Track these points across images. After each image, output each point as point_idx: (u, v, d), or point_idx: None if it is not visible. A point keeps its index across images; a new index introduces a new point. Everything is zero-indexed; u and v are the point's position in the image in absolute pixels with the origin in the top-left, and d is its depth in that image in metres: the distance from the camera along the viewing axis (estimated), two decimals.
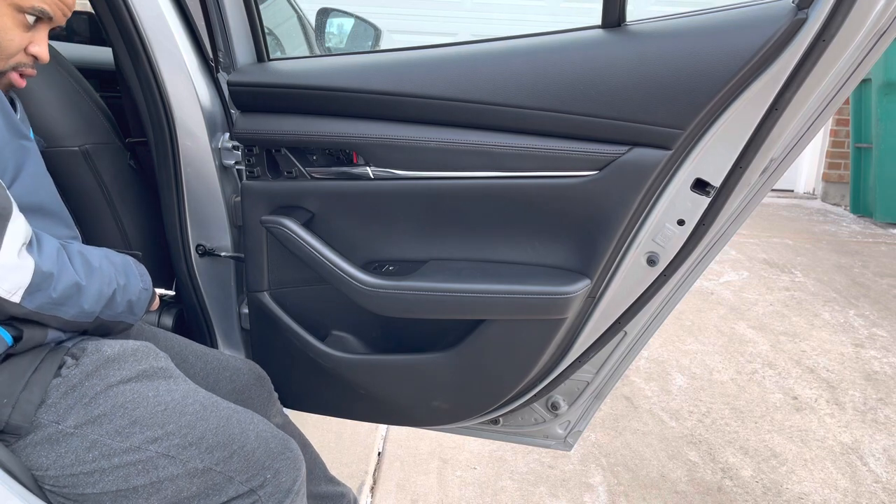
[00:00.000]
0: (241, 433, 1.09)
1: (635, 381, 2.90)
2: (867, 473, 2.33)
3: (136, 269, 1.18)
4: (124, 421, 1.03)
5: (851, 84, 1.18)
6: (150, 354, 1.13)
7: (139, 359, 1.11)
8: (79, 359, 1.06)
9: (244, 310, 1.61)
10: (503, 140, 1.27)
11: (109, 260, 1.11)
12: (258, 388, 1.39)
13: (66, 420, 1.01)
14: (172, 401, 1.08)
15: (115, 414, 1.03)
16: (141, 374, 1.09)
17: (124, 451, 1.01)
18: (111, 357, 1.08)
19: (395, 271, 1.39)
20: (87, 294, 1.03)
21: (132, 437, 1.02)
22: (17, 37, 1.04)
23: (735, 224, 1.31)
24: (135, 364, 1.09)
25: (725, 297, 3.86)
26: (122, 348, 1.10)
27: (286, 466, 1.11)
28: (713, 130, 1.18)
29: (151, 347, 1.15)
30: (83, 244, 1.11)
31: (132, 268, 1.16)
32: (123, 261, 1.16)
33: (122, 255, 1.17)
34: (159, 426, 1.04)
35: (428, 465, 2.28)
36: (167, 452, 1.03)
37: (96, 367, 1.06)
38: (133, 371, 1.08)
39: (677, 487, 2.22)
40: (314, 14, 2.62)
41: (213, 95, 1.48)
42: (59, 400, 1.01)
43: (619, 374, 1.48)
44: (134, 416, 1.03)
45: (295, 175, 1.41)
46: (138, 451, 1.02)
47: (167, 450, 1.03)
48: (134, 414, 1.04)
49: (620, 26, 1.23)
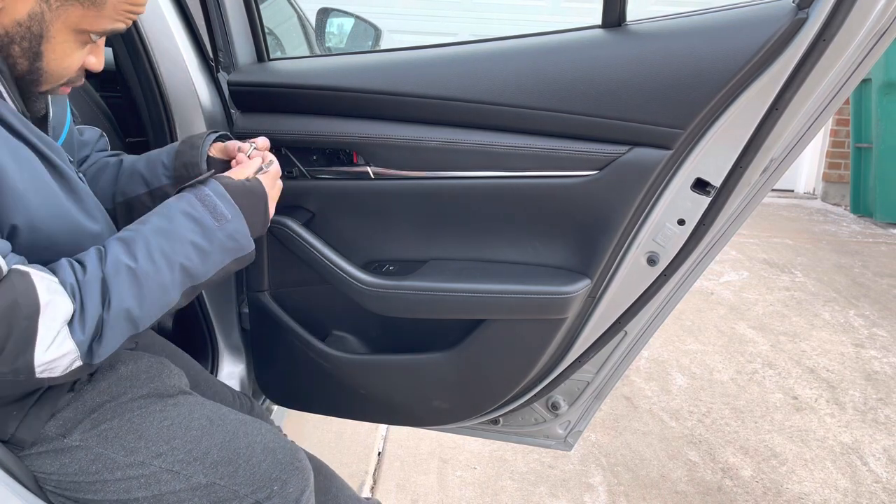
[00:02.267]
0: (248, 446, 1.08)
1: (635, 381, 2.90)
2: (867, 473, 2.33)
3: (205, 208, 0.96)
4: (130, 436, 1.02)
5: (851, 84, 1.18)
6: (163, 371, 1.13)
7: (152, 376, 1.11)
8: (93, 375, 1.06)
9: (244, 310, 1.61)
10: (503, 140, 1.26)
11: (164, 234, 0.93)
12: None
13: (72, 434, 1.01)
14: (179, 415, 1.07)
15: (121, 429, 1.03)
16: (152, 392, 1.09)
17: (128, 465, 1.01)
18: (125, 375, 1.08)
19: (395, 271, 1.39)
20: (143, 308, 0.91)
21: (137, 452, 1.02)
22: (78, 59, 0.95)
23: (735, 224, 1.30)
24: (147, 382, 1.09)
25: (725, 297, 3.86)
26: (136, 366, 1.10)
27: (294, 477, 1.09)
28: (713, 130, 1.18)
29: (165, 363, 1.15)
30: (135, 232, 0.93)
31: (201, 219, 0.96)
32: (186, 220, 0.95)
33: (184, 204, 0.96)
34: (164, 441, 1.03)
35: (428, 465, 2.28)
36: (171, 468, 1.02)
37: (109, 384, 1.06)
38: (145, 389, 1.08)
39: (677, 487, 2.22)
40: (314, 14, 2.62)
41: (213, 95, 1.48)
42: (69, 415, 1.02)
43: (619, 374, 1.48)
44: (140, 432, 1.03)
45: (295, 175, 1.41)
46: (142, 466, 1.01)
47: (171, 465, 1.02)
48: (140, 429, 1.03)
49: (620, 26, 1.23)
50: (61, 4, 0.89)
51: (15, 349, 0.82)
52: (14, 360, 0.83)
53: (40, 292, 0.82)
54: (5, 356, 0.82)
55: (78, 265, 0.89)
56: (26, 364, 0.83)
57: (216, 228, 0.96)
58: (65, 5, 0.89)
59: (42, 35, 0.90)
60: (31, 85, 0.94)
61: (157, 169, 1.17)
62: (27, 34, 0.89)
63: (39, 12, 0.88)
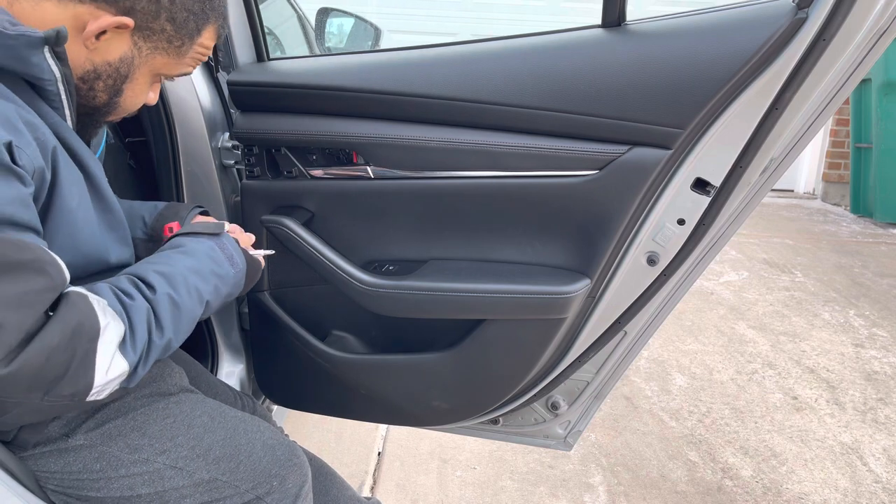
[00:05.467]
0: (248, 443, 1.10)
1: (635, 381, 2.90)
2: (867, 473, 2.33)
3: (224, 255, 1.06)
4: (134, 434, 1.03)
5: (851, 84, 1.18)
6: (164, 370, 1.15)
7: (154, 376, 1.12)
8: None
9: (244, 310, 1.61)
10: (503, 139, 1.26)
11: (197, 274, 1.00)
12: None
13: (76, 433, 1.01)
14: (181, 412, 1.08)
15: (125, 427, 1.03)
16: (154, 391, 1.10)
17: (132, 462, 1.02)
18: None
19: (395, 271, 1.39)
20: (178, 338, 0.96)
21: (141, 450, 1.03)
22: (147, 96, 1.05)
23: (735, 224, 1.31)
24: (150, 381, 1.11)
25: (725, 297, 3.86)
26: None
27: (293, 473, 1.12)
28: (713, 130, 1.18)
29: (167, 362, 1.17)
30: (171, 268, 0.98)
31: (222, 263, 1.05)
32: (211, 260, 1.04)
33: (207, 249, 1.04)
34: (168, 438, 1.05)
35: (428, 465, 2.28)
36: (174, 464, 1.04)
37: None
38: (147, 388, 1.10)
39: (677, 487, 2.22)
40: (314, 14, 2.62)
41: (213, 95, 1.48)
42: (72, 415, 1.02)
43: (619, 374, 1.48)
44: (143, 430, 1.04)
45: (295, 175, 1.41)
46: (146, 463, 1.02)
47: (174, 461, 1.04)
48: (143, 427, 1.04)
49: (620, 26, 1.23)
50: (150, 52, 0.99)
51: (77, 372, 0.82)
52: (76, 382, 0.82)
53: (99, 314, 0.84)
54: (68, 379, 0.82)
55: (120, 291, 0.91)
56: (86, 386, 0.83)
57: (232, 274, 1.07)
58: (153, 53, 0.99)
59: (128, 76, 0.99)
60: (102, 115, 1.02)
61: (136, 222, 1.22)
62: (115, 73, 0.98)
63: (130, 57, 0.98)
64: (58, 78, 0.90)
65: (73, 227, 0.92)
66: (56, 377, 0.80)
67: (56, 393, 0.81)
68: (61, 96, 0.92)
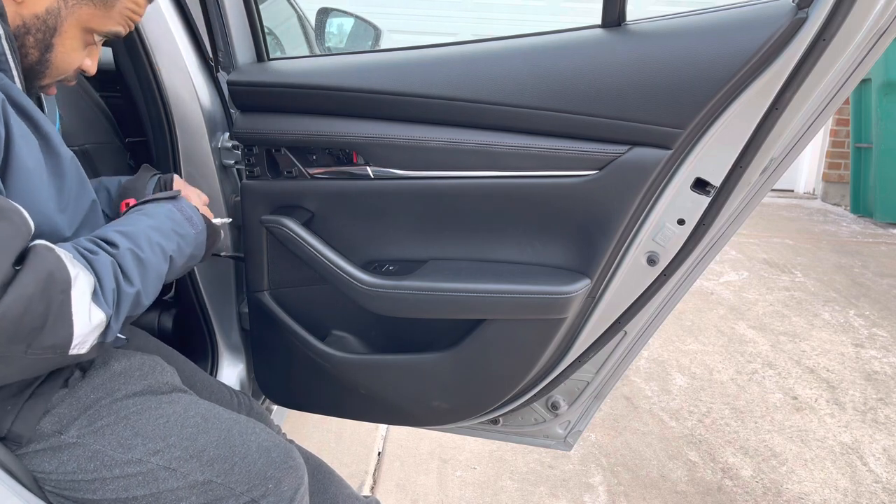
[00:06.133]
0: (243, 444, 1.09)
1: (635, 381, 2.90)
2: (867, 473, 2.33)
3: (183, 216, 1.10)
4: (126, 433, 1.03)
5: (851, 84, 1.18)
6: (156, 368, 1.14)
7: (145, 373, 1.12)
8: (86, 371, 1.07)
9: (244, 310, 1.61)
10: (503, 139, 1.26)
11: (159, 231, 1.03)
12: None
13: (68, 430, 1.01)
14: (174, 413, 1.08)
15: (117, 425, 1.03)
16: (146, 389, 1.10)
17: (125, 462, 1.02)
18: (118, 371, 1.09)
19: (395, 271, 1.39)
20: (146, 293, 0.98)
21: (134, 449, 1.02)
22: (79, 57, 1.04)
23: (735, 224, 1.30)
24: (141, 379, 1.10)
25: (725, 297, 3.86)
26: (129, 363, 1.11)
27: (288, 475, 1.11)
28: (713, 130, 1.18)
29: (158, 361, 1.16)
30: (132, 227, 1.02)
31: (181, 223, 1.09)
32: (171, 220, 1.07)
33: (166, 210, 1.09)
34: (161, 438, 1.04)
35: (428, 465, 2.28)
36: (168, 465, 1.03)
37: (103, 381, 1.07)
38: (139, 386, 1.09)
39: (677, 487, 2.22)
40: (314, 14, 2.62)
41: (212, 95, 1.48)
42: (64, 410, 1.02)
43: (619, 374, 1.48)
44: (136, 429, 1.04)
45: (295, 175, 1.41)
46: (139, 464, 1.02)
47: (168, 462, 1.03)
48: (136, 426, 1.04)
49: (620, 26, 1.23)
50: (76, 2, 0.99)
51: (56, 322, 0.84)
52: (55, 333, 0.84)
53: (68, 265, 0.86)
54: (48, 330, 0.83)
55: (83, 248, 0.93)
56: (67, 338, 0.85)
57: (193, 235, 1.11)
58: (79, 3, 0.99)
59: (56, 29, 0.99)
60: (35, 77, 1.01)
61: (100, 193, 1.24)
62: (42, 26, 0.98)
63: (56, 8, 0.98)
64: (2, 35, 0.90)
65: (31, 186, 0.92)
66: (35, 328, 0.82)
67: (38, 344, 0.83)
68: (7, 55, 0.93)
